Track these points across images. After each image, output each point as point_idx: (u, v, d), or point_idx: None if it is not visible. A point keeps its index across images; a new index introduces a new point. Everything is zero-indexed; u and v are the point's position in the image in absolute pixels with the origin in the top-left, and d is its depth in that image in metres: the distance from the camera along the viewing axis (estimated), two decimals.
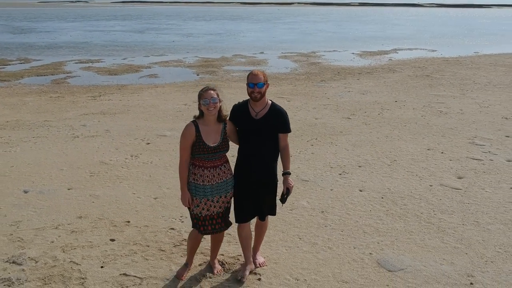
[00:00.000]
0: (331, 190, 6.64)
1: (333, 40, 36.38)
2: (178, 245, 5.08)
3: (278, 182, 4.43)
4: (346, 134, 9.52)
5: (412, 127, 10.07)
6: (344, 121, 10.61)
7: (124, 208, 6.01)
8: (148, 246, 5.07)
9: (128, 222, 5.63)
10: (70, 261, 4.75)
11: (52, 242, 5.15)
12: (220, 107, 4.20)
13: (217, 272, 4.56)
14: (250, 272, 4.49)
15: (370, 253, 4.93)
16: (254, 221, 4.66)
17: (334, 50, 27.89)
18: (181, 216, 5.79)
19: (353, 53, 26.25)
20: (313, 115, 11.04)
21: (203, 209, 4.27)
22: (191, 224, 4.43)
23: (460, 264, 4.72)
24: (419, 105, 12.35)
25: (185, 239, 5.21)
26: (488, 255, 4.88)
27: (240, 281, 4.39)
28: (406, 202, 6.23)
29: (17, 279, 4.44)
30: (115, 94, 13.85)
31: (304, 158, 7.99)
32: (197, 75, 18.17)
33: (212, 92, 4.13)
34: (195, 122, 4.22)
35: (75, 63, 21.35)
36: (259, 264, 4.66)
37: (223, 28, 51.64)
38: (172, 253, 4.92)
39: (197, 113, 4.32)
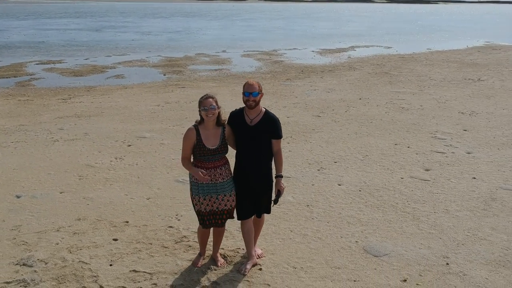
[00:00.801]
0: (313, 185, 7.13)
1: (292, 37, 37.10)
2: (179, 242, 5.42)
3: (273, 183, 4.84)
4: (318, 131, 10.05)
5: (378, 123, 10.73)
6: (315, 119, 11.15)
7: (119, 209, 6.28)
8: (151, 244, 5.38)
9: (127, 222, 5.91)
10: (79, 261, 5.00)
11: (57, 244, 5.37)
12: (219, 112, 4.59)
13: (220, 264, 4.94)
14: (253, 266, 4.89)
15: (356, 241, 5.44)
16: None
17: (294, 48, 28.54)
18: (176, 215, 6.12)
19: (313, 51, 26.98)
20: (285, 114, 11.52)
21: (207, 205, 4.63)
22: (198, 221, 4.80)
23: (436, 247, 5.30)
24: (382, 102, 13.08)
25: (184, 236, 5.57)
26: (459, 239, 5.50)
27: (240, 272, 4.80)
28: (382, 194, 6.81)
29: (32, 280, 4.66)
30: (85, 96, 13.86)
31: (283, 156, 8.42)
32: (164, 75, 18.31)
33: (211, 100, 4.51)
34: (196, 126, 4.59)
35: (36, 64, 20.98)
36: (258, 256, 5.07)
37: (181, 25, 51.47)
38: (175, 249, 5.26)
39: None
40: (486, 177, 7.42)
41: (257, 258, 5.01)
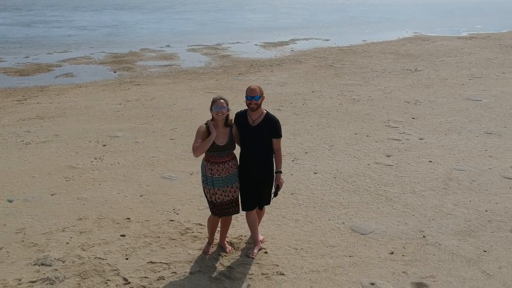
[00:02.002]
0: (291, 175, 7.75)
1: (232, 30, 37.49)
2: (184, 233, 5.85)
3: (273, 178, 5.35)
4: (283, 124, 10.48)
5: (335, 115, 11.54)
6: (276, 112, 11.75)
7: (117, 207, 6.57)
8: (159, 237, 5.77)
9: (129, 219, 6.23)
10: (95, 257, 5.31)
11: (67, 243, 5.62)
12: (228, 114, 5.07)
13: (229, 251, 5.45)
14: (259, 250, 5.43)
15: (343, 223, 6.13)
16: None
17: (237, 42, 29.00)
18: (173, 209, 6.52)
19: (256, 45, 27.58)
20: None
21: (218, 196, 5.10)
22: (209, 210, 5.26)
23: (411, 223, 6.10)
24: (334, 94, 13.94)
25: (188, 228, 5.99)
26: (429, 215, 6.33)
27: (249, 257, 5.33)
28: (355, 179, 7.55)
29: (56, 277, 4.93)
30: (41, 97, 13.63)
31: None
32: (114, 72, 18.20)
33: (222, 101, 4.99)
34: (207, 124, 5.05)
35: None
36: (261, 241, 5.61)
37: (116, 19, 50.22)
38: (183, 240, 5.69)
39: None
40: (441, 160, 8.38)
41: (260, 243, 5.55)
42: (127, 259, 5.29)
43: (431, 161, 8.32)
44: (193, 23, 46.12)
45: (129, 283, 4.86)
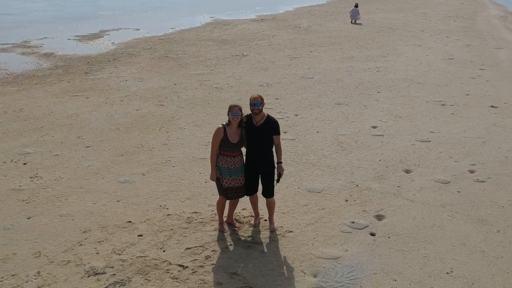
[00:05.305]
0: None
1: (24, 24, 34.51)
2: (191, 222, 6.91)
3: (275, 167, 6.71)
4: (179, 118, 11.79)
5: (214, 104, 13.07)
6: (162, 108, 12.71)
7: (108, 215, 7.12)
8: (172, 229, 6.72)
9: (130, 222, 6.93)
10: (137, 257, 6.07)
11: (98, 253, 6.16)
12: (241, 118, 6.37)
13: (238, 226, 6.80)
14: (259, 221, 6.90)
15: (298, 187, 7.97)
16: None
17: (44, 37, 27.24)
18: (160, 206, 7.40)
19: (69, 39, 26.50)
20: (132, 108, 12.66)
21: (229, 182, 6.41)
22: (219, 194, 6.52)
23: (342, 179, 8.29)
24: (195, 84, 15.32)
25: (189, 217, 7.06)
26: (348, 170, 8.63)
27: (254, 226, 6.79)
28: None
29: (121, 280, 5.62)
30: None
31: (175, 144, 10.05)
32: None
33: (237, 108, 6.29)
34: (224, 126, 6.29)
35: None
36: (274, 228, 6.75)
37: None
38: (195, 227, 6.77)
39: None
40: (323, 129, 10.81)
41: (273, 230, 6.78)
42: (164, 251, 6.20)
43: (318, 132, 10.69)
44: None
45: (186, 267, 5.87)
